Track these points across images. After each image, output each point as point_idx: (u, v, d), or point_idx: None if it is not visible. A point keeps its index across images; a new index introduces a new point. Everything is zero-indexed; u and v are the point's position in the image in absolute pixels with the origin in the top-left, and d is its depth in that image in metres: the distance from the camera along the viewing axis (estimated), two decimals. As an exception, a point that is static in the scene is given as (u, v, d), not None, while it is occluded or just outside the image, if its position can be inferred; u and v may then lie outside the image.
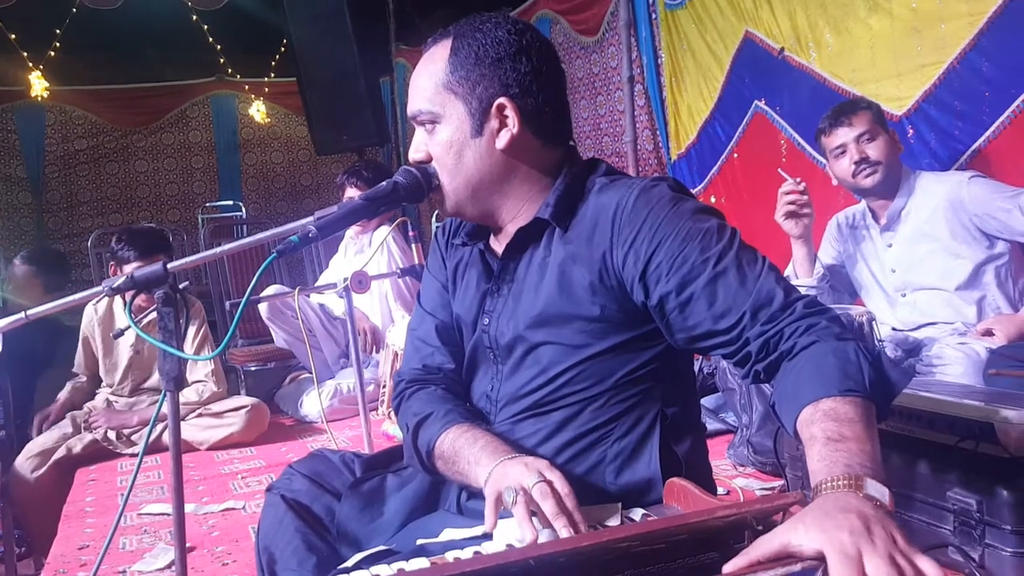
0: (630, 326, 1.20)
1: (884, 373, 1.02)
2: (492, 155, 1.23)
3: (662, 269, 1.13)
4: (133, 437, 3.13)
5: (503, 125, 1.22)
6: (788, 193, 2.56)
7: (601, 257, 1.18)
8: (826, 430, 0.94)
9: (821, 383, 0.99)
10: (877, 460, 0.92)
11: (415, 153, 1.27)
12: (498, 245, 1.32)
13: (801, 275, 2.67)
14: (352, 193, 3.76)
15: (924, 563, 0.78)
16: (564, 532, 1.00)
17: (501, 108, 1.21)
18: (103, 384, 3.33)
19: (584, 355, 1.20)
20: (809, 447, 0.95)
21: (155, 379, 3.27)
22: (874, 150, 2.53)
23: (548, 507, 1.02)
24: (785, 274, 2.72)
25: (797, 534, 0.80)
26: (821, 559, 0.78)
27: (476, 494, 1.18)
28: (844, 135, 2.54)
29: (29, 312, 1.41)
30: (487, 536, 1.09)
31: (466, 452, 1.18)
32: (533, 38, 1.24)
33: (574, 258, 1.20)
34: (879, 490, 0.87)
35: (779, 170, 2.69)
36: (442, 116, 1.23)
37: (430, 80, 1.24)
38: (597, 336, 1.20)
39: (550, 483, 1.05)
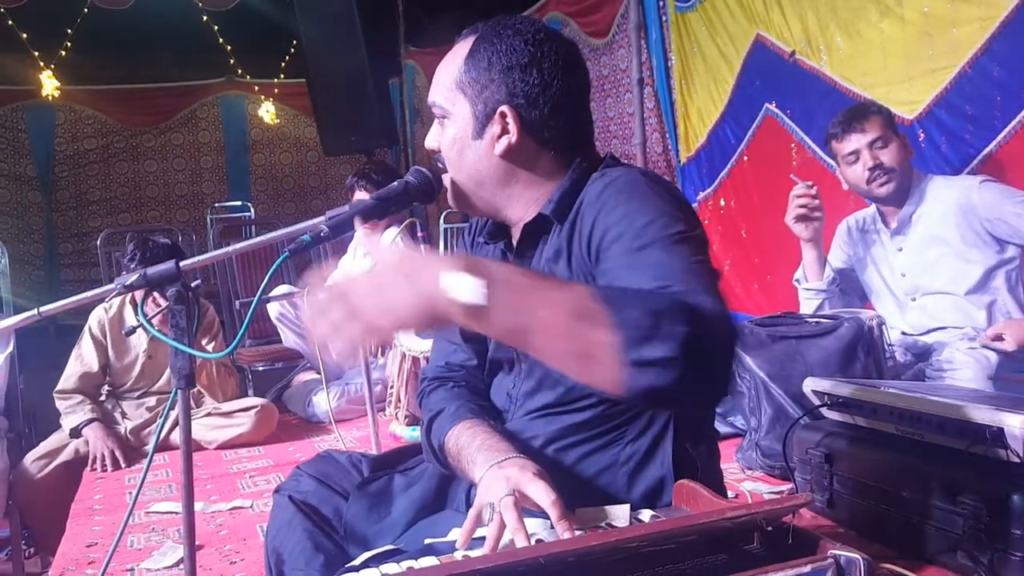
0: None
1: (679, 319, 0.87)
2: (490, 159, 1.25)
3: (601, 252, 1.13)
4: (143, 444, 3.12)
5: (503, 132, 1.23)
6: (799, 196, 2.56)
7: (575, 252, 1.20)
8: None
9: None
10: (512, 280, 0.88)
11: (430, 142, 1.30)
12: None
13: (811, 278, 2.66)
14: (361, 196, 3.76)
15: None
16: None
17: (503, 116, 1.22)
18: (105, 388, 3.30)
19: None
20: None
21: (162, 382, 3.28)
22: (887, 156, 2.51)
23: (509, 521, 1.00)
24: (795, 277, 2.73)
25: None
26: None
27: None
28: (857, 141, 2.53)
29: (42, 309, 1.41)
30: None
31: (466, 451, 1.19)
32: (551, 50, 1.23)
33: (558, 256, 1.22)
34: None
35: (792, 175, 2.69)
36: (451, 113, 1.25)
37: (448, 76, 1.26)
38: None
39: (518, 496, 1.03)
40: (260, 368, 4.14)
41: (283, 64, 8.39)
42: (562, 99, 1.24)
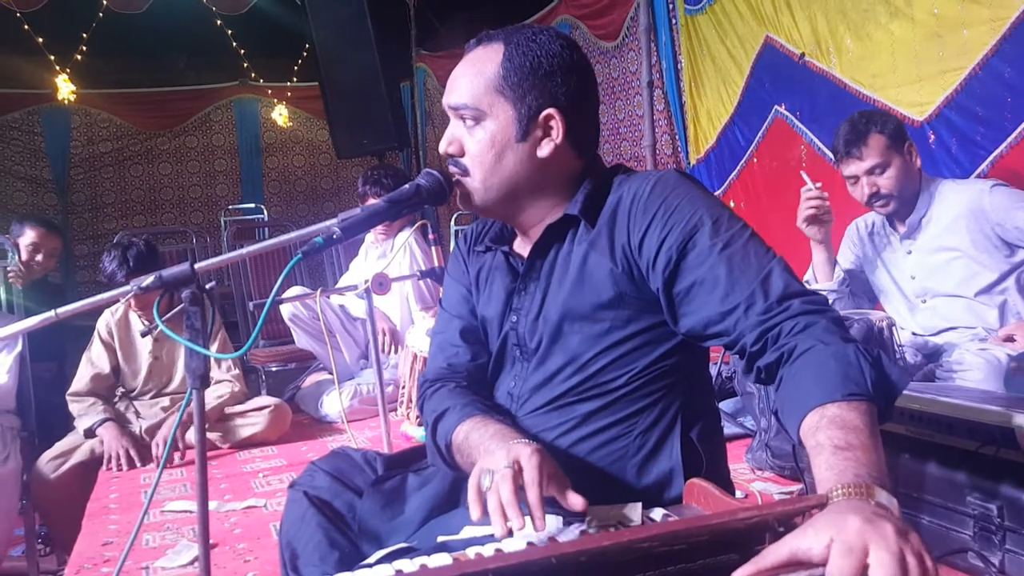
0: (651, 312, 1.22)
1: (885, 374, 1.01)
2: (532, 161, 1.27)
3: (672, 253, 1.17)
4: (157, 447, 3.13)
5: (547, 135, 1.26)
6: (810, 198, 2.54)
7: (620, 246, 1.22)
8: (832, 438, 0.93)
9: (824, 388, 0.98)
10: (884, 469, 0.91)
11: (448, 145, 1.29)
12: (521, 247, 1.36)
13: (821, 279, 2.66)
14: (373, 201, 3.78)
15: (931, 563, 0.77)
16: (515, 522, 0.99)
17: (549, 118, 1.25)
18: (119, 390, 3.32)
19: (608, 343, 1.23)
20: (815, 455, 0.93)
21: (175, 383, 3.30)
22: (886, 182, 2.49)
23: (503, 494, 1.01)
24: (804, 279, 2.73)
25: (807, 539, 0.78)
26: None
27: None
28: (855, 168, 2.51)
29: (59, 311, 1.43)
30: (508, 533, 1.09)
31: (478, 442, 1.19)
32: (580, 57, 1.29)
33: (595, 249, 1.24)
34: (888, 499, 0.86)
35: (801, 172, 2.69)
36: (487, 115, 1.26)
37: (480, 78, 1.26)
38: (620, 323, 1.23)
39: (516, 470, 1.04)
40: (273, 368, 4.17)
41: (296, 68, 8.42)
42: (593, 104, 1.31)
